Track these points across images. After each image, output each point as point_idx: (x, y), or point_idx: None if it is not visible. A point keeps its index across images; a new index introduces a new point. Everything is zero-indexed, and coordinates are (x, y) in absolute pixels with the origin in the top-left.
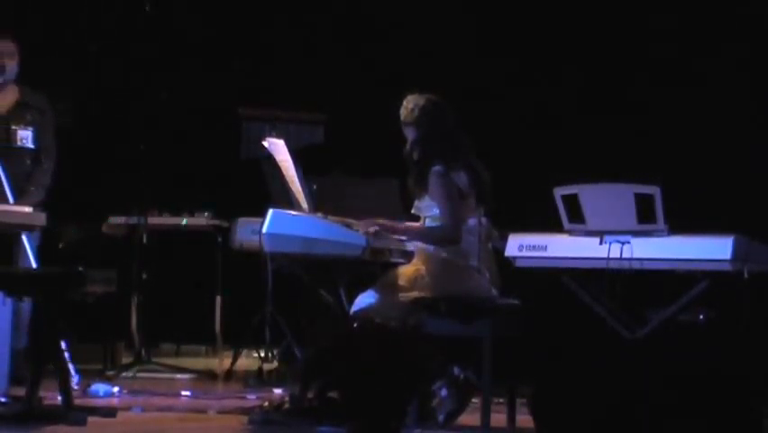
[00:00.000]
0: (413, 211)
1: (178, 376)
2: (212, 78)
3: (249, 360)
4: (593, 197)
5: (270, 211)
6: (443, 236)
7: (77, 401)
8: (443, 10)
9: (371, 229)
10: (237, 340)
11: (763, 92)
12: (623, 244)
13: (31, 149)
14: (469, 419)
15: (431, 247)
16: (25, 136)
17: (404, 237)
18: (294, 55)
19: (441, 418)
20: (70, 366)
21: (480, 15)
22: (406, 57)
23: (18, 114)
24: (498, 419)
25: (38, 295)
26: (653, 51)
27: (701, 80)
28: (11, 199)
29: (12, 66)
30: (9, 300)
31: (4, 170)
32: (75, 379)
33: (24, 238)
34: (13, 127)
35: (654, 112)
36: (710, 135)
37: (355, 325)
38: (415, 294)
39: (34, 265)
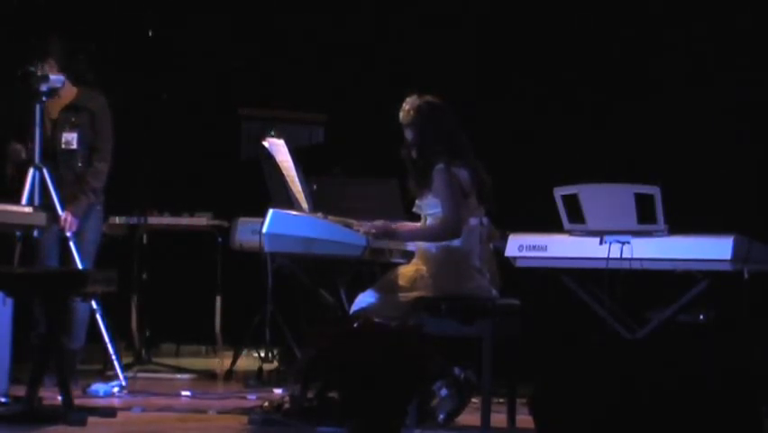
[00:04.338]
0: (414, 210)
1: (178, 376)
2: (212, 78)
3: (249, 360)
4: (593, 197)
5: (270, 211)
6: (443, 231)
7: (77, 401)
8: (444, 10)
9: (372, 231)
10: (237, 340)
11: (763, 92)
12: (623, 244)
13: (75, 150)
14: (469, 419)
15: (432, 247)
16: (70, 139)
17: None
18: (294, 55)
19: (441, 417)
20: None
21: (481, 16)
22: (407, 57)
23: (65, 117)
24: (498, 418)
25: (38, 295)
26: (653, 50)
27: (701, 80)
28: (59, 210)
29: (55, 74)
30: (9, 300)
31: (52, 177)
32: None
33: (72, 244)
34: (58, 130)
35: (654, 112)
36: (710, 135)
37: (355, 325)
38: (415, 294)
39: (80, 267)
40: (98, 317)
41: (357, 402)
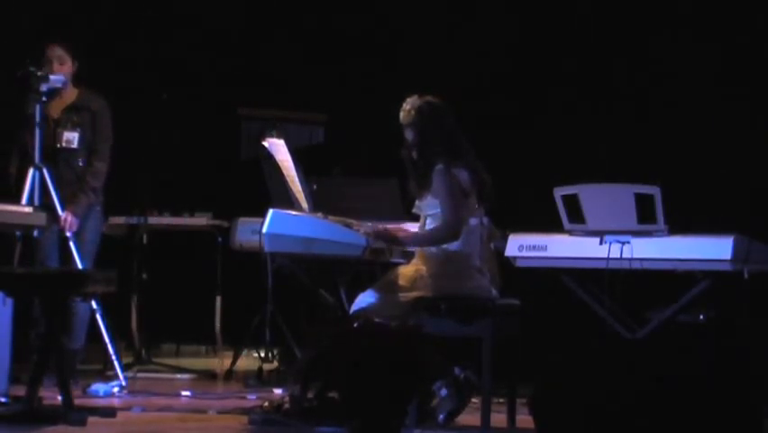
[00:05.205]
0: (414, 210)
1: (178, 376)
2: (212, 78)
3: (249, 360)
4: (593, 197)
5: (270, 211)
6: (443, 235)
7: (77, 401)
8: (443, 10)
9: (372, 232)
10: (237, 340)
11: (763, 91)
12: (623, 244)
13: (75, 150)
14: (469, 419)
15: (432, 247)
16: (71, 138)
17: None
18: (294, 55)
19: (441, 418)
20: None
21: (480, 15)
22: (407, 57)
23: (66, 116)
24: (498, 419)
25: (38, 295)
26: (653, 50)
27: (701, 80)
28: (59, 210)
29: (62, 71)
30: (9, 300)
31: (52, 177)
32: (120, 383)
33: (72, 244)
34: (59, 129)
35: (654, 112)
36: (710, 135)
37: (355, 325)
38: (415, 294)
39: (80, 267)
40: (98, 317)
41: (357, 402)
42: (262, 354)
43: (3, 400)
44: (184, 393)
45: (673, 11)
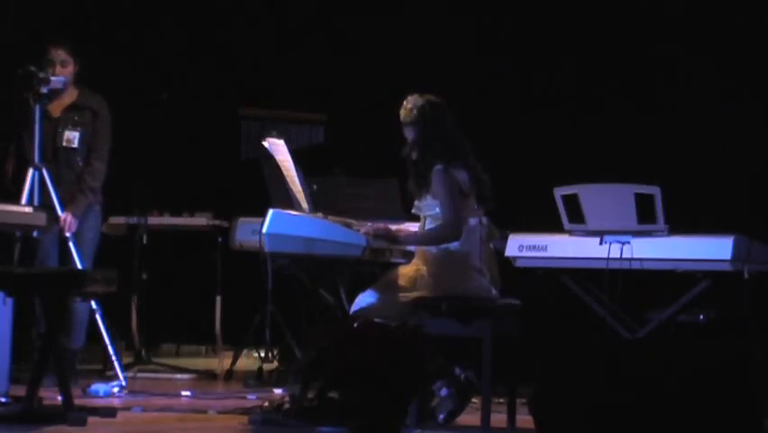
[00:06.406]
0: (413, 211)
1: (178, 376)
2: (212, 78)
3: (249, 360)
4: (593, 197)
5: (270, 211)
6: (444, 235)
7: (77, 401)
8: (443, 9)
9: (372, 231)
10: (237, 340)
11: (763, 91)
12: (623, 244)
13: (76, 149)
14: (469, 419)
15: (432, 247)
16: (72, 137)
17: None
18: (294, 55)
19: (441, 418)
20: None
21: (480, 15)
22: (406, 56)
23: (67, 116)
24: (498, 419)
25: (38, 295)
26: (653, 51)
27: (701, 80)
28: (59, 211)
29: (64, 73)
30: (9, 300)
31: (52, 177)
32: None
33: (71, 244)
34: (60, 129)
35: (655, 112)
36: (710, 135)
37: (355, 325)
38: (415, 294)
39: (80, 267)
40: (98, 317)
41: (357, 402)
42: (262, 354)
43: (3, 400)
44: (184, 393)
45: (674, 10)
